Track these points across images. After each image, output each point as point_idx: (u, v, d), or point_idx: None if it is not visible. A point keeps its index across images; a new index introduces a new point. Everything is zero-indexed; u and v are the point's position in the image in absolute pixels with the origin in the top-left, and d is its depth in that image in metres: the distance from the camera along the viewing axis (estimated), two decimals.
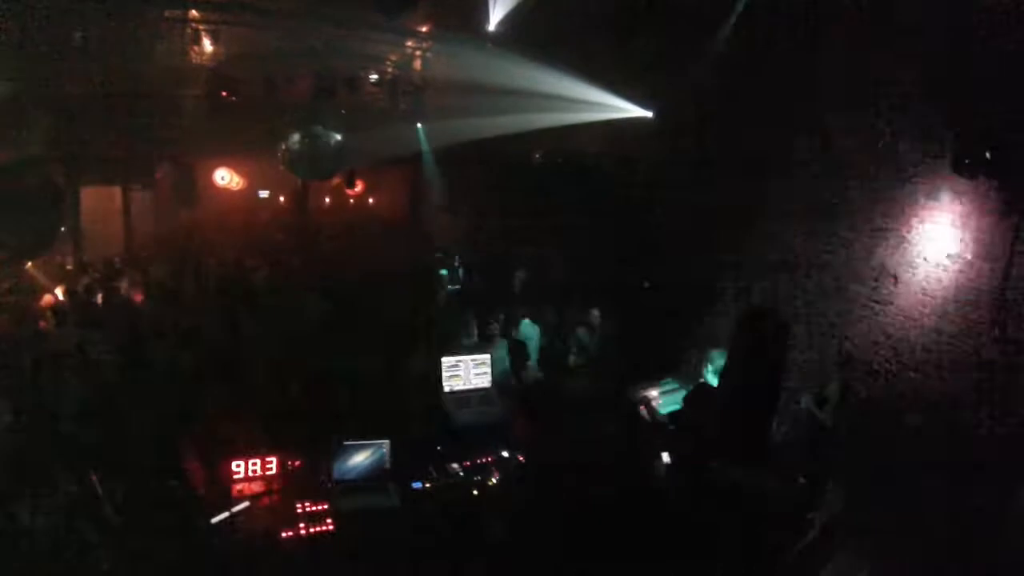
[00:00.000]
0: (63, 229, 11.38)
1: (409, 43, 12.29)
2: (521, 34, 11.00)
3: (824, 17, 7.29)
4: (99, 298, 9.30)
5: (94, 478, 4.51)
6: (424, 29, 12.01)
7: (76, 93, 10.44)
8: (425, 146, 14.01)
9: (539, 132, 12.25)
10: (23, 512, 4.39)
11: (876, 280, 6.89)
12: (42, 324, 8.37)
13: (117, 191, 13.25)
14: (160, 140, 12.20)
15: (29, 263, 10.37)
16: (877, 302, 6.88)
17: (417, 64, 12.79)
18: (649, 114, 11.14)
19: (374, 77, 12.88)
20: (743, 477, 4.59)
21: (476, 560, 4.03)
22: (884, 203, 6.81)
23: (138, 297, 9.78)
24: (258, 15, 10.82)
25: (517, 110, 11.70)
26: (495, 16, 11.24)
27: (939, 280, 6.28)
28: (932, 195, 6.35)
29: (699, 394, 6.34)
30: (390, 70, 12.80)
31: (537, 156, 13.94)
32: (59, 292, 9.39)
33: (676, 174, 10.16)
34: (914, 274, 6.53)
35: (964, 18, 5.87)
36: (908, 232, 6.60)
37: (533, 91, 11.41)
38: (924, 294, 6.43)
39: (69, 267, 11.46)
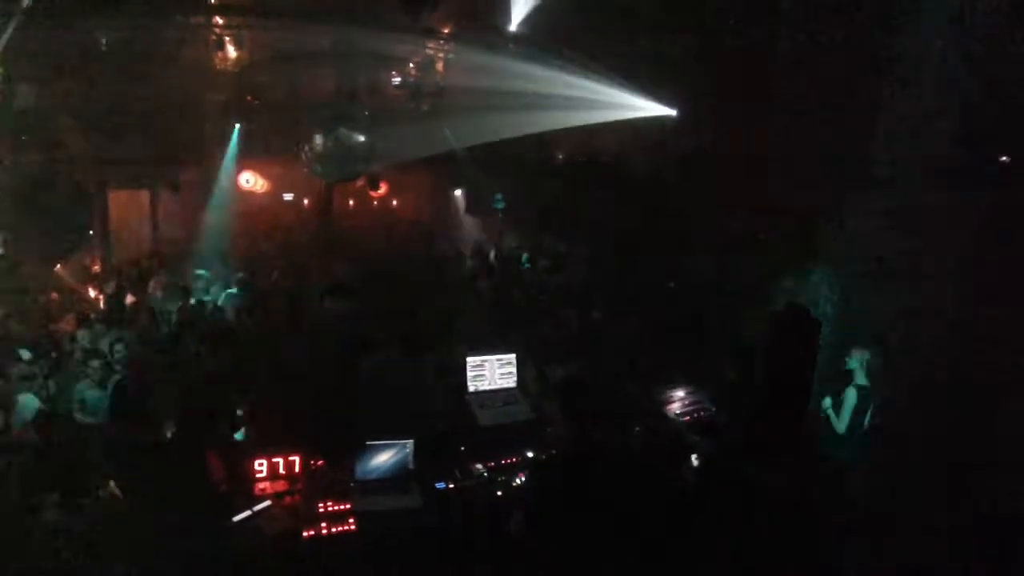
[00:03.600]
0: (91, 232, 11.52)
1: (431, 44, 12.28)
2: (543, 33, 10.95)
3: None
4: None
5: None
6: (446, 30, 11.99)
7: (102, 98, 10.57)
8: (448, 146, 14.01)
9: (563, 132, 12.21)
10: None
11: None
12: None
13: None
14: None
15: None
16: None
17: (440, 65, 12.78)
18: (673, 112, 11.06)
19: (397, 79, 12.91)
20: (770, 476, 4.49)
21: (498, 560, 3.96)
22: None
23: None
24: (281, 19, 10.88)
25: (539, 110, 11.65)
26: (517, 16, 11.22)
27: None
28: None
29: (727, 394, 6.23)
30: (413, 72, 12.82)
31: (560, 157, 13.90)
32: None
33: (701, 173, 10.06)
34: None
35: None
36: None
37: (555, 91, 11.36)
38: None
39: None
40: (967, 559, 4.84)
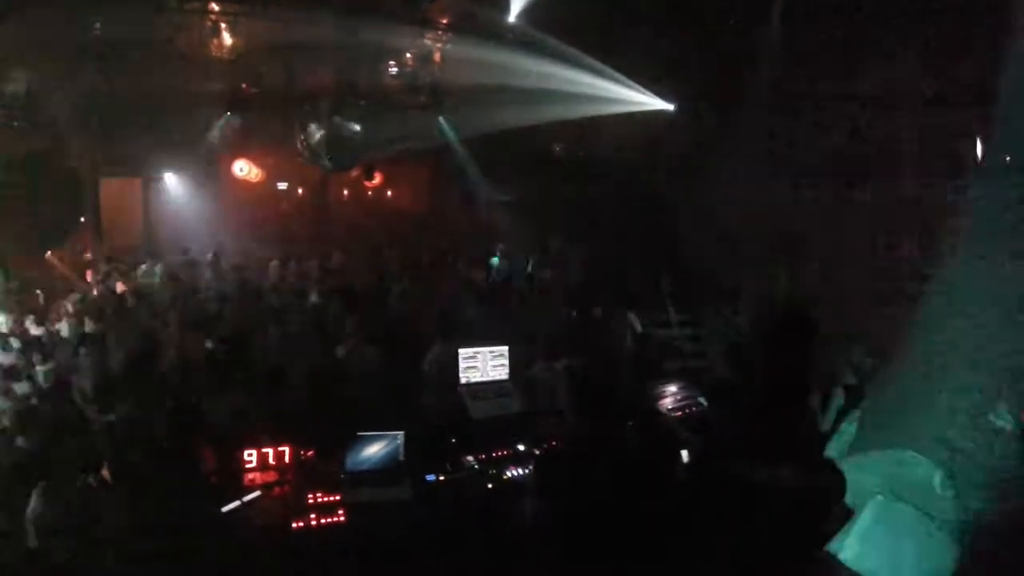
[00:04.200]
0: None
1: (429, 36, 12.21)
2: (542, 26, 10.90)
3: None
4: None
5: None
6: (444, 21, 11.92)
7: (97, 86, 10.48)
8: (445, 137, 13.95)
9: (560, 125, 12.17)
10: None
11: None
12: None
13: None
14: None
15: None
16: None
17: (437, 57, 12.70)
18: (670, 107, 11.04)
19: (394, 69, 12.84)
20: (765, 475, 4.46)
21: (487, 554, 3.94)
22: None
23: None
24: (278, 7, 10.80)
25: (537, 103, 11.60)
26: (515, 8, 11.15)
27: None
28: None
29: (720, 392, 6.22)
30: (410, 63, 12.74)
31: (557, 149, 13.85)
32: None
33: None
34: None
35: None
36: None
37: (553, 84, 11.30)
38: None
39: None
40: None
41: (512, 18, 11.15)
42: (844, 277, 7.50)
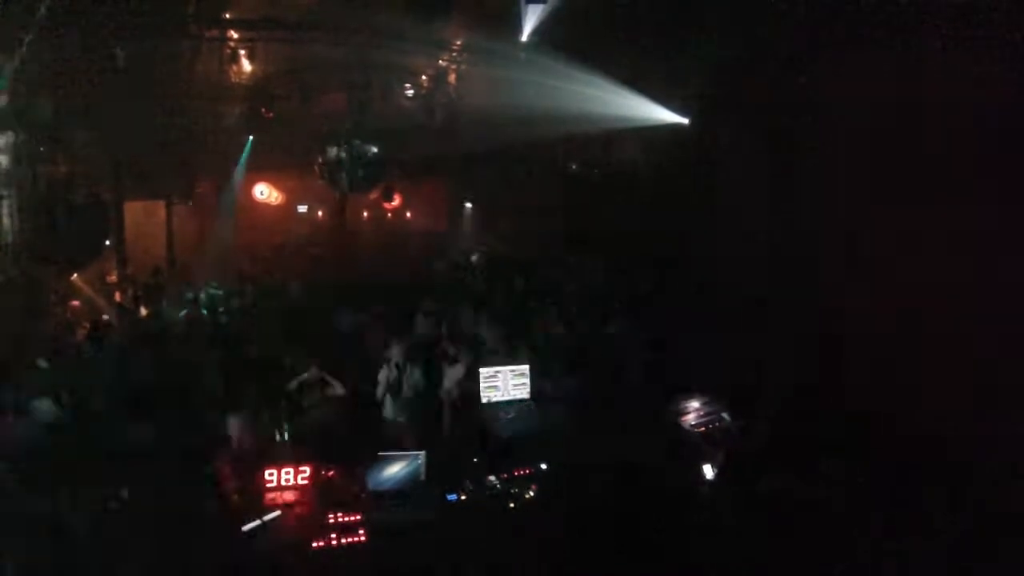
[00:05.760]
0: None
1: (444, 55, 12.33)
2: (555, 44, 10.95)
3: None
4: None
5: None
6: (458, 41, 12.04)
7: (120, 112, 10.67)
8: (462, 158, 14.02)
9: (575, 142, 12.21)
10: None
11: None
12: None
13: None
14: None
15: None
16: None
17: (452, 77, 12.81)
18: (685, 121, 11.03)
19: (410, 91, 12.95)
20: (789, 484, 4.40)
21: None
22: None
23: None
24: (294, 31, 10.96)
25: (552, 120, 11.63)
26: (528, 27, 11.21)
27: None
28: None
29: (742, 404, 6.15)
30: (426, 83, 12.85)
31: (573, 166, 13.86)
32: None
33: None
34: None
35: None
36: None
37: (567, 101, 11.34)
38: None
39: None
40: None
41: (525, 37, 11.20)
42: None
